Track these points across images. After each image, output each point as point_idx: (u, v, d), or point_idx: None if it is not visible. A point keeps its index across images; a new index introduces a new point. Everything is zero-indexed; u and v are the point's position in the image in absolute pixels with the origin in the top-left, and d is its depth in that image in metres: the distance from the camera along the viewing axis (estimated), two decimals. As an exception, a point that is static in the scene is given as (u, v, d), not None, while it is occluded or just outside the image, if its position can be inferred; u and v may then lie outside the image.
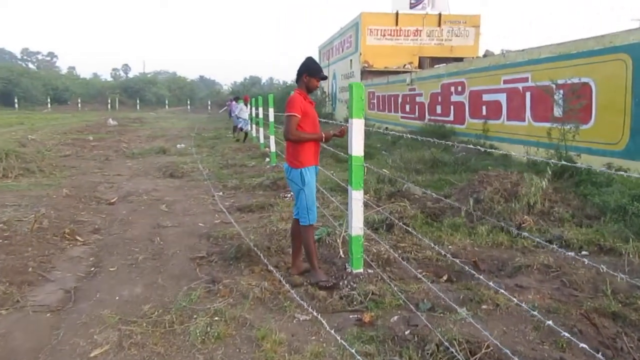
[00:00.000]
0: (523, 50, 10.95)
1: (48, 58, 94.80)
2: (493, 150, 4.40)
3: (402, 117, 19.15)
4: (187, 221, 6.36)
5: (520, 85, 10.98)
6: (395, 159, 10.62)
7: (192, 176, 10.05)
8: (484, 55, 12.57)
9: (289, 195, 7.52)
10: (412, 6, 26.92)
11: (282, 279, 4.15)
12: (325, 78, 4.42)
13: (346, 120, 4.40)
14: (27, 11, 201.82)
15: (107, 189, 8.71)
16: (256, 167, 11.03)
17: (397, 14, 26.44)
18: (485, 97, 12.61)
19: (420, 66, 26.21)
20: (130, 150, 14.22)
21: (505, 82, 11.70)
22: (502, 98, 11.80)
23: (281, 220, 6.09)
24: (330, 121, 22.58)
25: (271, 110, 12.16)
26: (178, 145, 16.00)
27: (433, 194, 5.81)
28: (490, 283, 3.37)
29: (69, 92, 55.50)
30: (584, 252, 4.76)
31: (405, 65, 26.21)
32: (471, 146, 9.53)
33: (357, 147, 3.95)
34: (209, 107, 55.06)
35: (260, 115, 14.47)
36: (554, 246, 4.46)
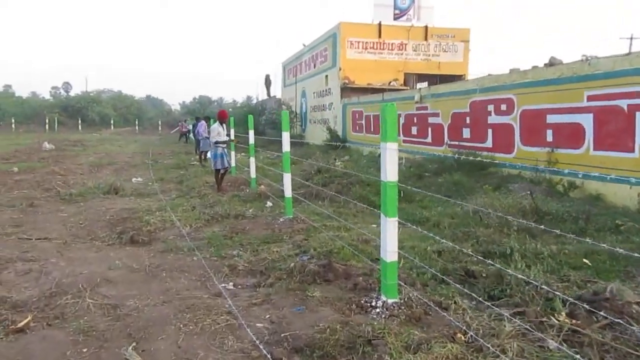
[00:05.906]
0: (628, 54, 7.98)
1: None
2: None
3: (404, 141, 15.96)
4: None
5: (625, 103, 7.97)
6: (467, 209, 7.22)
7: (167, 241, 6.27)
8: (549, 64, 9.66)
9: (381, 301, 3.91)
10: (396, 17, 24.17)
11: None
12: None
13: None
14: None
15: (18, 276, 4.87)
16: (260, 220, 7.33)
17: (379, 25, 23.62)
18: (552, 119, 9.61)
19: (406, 83, 23.58)
20: (67, 190, 10.18)
21: (590, 98, 8.72)
22: (586, 120, 8.81)
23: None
24: (298, 141, 19.51)
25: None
26: (134, 179, 12.07)
27: None
28: None
29: (1, 111, 49.55)
30: None
31: (390, 82, 23.42)
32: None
33: None
34: (160, 128, 50.85)
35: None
36: None
